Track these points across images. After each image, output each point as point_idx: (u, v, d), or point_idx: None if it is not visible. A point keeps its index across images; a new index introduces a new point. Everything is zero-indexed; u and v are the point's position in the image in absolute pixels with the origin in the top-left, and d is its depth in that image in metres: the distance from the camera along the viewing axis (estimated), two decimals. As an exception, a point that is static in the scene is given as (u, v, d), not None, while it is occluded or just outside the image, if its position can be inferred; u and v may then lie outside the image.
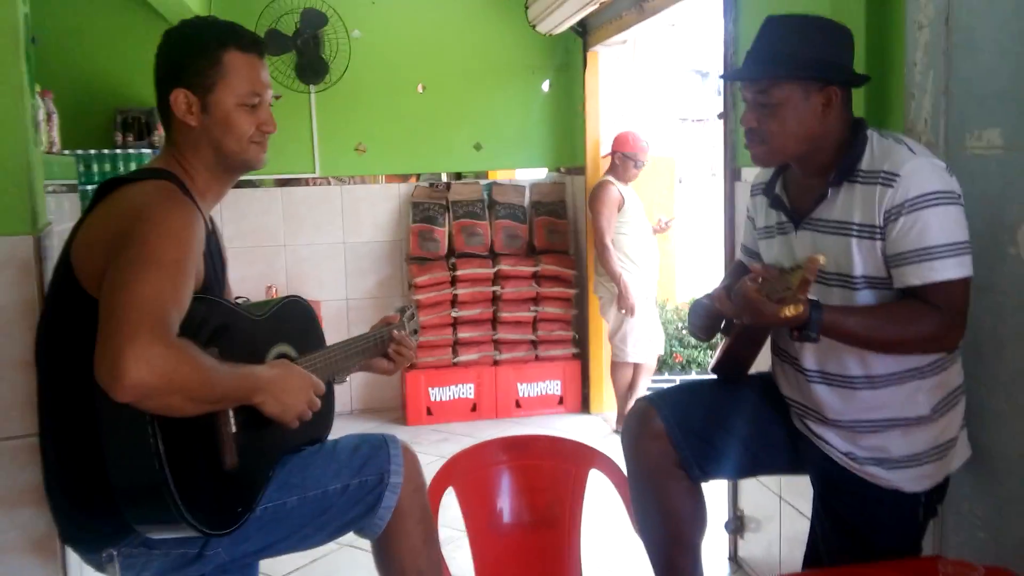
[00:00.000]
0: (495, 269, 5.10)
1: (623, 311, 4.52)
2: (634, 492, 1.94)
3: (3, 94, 1.65)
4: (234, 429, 1.47)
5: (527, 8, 5.11)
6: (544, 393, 5.14)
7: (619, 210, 4.57)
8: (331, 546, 3.63)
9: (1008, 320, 1.77)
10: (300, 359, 1.68)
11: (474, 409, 5.04)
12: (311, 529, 1.66)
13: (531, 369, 5.12)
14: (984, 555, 1.78)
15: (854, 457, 1.75)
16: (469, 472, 2.21)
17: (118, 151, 4.55)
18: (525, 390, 5.12)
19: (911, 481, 1.72)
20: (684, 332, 5.67)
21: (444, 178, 5.59)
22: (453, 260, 5.15)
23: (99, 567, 1.58)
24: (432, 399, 5.01)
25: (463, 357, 5.08)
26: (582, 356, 5.24)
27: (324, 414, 1.77)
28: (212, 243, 1.66)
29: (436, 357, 5.06)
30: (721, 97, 3.44)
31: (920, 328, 1.61)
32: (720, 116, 3.19)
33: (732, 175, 3.04)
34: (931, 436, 1.72)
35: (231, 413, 1.46)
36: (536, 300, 5.13)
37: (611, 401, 4.97)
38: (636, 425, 1.91)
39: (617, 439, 2.22)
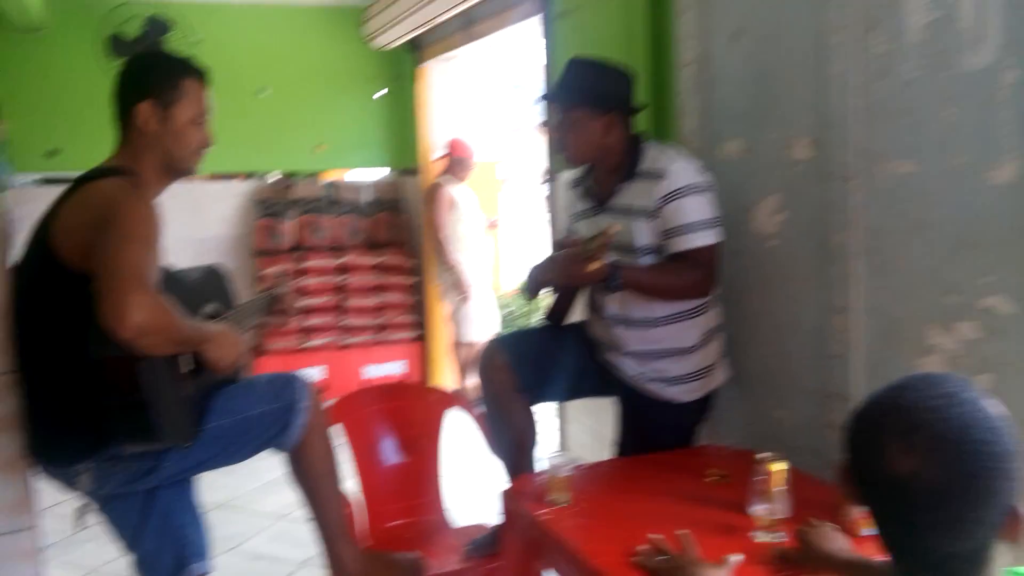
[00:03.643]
0: (340, 261, 5.54)
1: (461, 296, 5.09)
2: (488, 413, 2.51)
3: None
4: (190, 368, 1.91)
5: (362, 24, 5.58)
6: (389, 373, 5.62)
7: (453, 208, 5.12)
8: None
9: (751, 275, 2.50)
10: (227, 313, 2.13)
11: (323, 390, 5.44)
12: (238, 446, 2.09)
13: (377, 351, 5.60)
14: (742, 447, 2.49)
15: (642, 377, 2.40)
16: (354, 412, 2.70)
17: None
18: (371, 371, 5.58)
19: (682, 394, 2.39)
20: (511, 316, 6.32)
21: (275, 176, 5.94)
22: (298, 253, 5.54)
23: (68, 480, 1.95)
24: (283, 382, 5.36)
25: (312, 342, 5.48)
26: (423, 338, 5.77)
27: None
28: None
29: (286, 343, 5.43)
30: (541, 110, 4.09)
31: (685, 279, 2.27)
32: (551, 134, 3.84)
33: (552, 175, 3.70)
34: (696, 362, 2.39)
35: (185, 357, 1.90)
36: (379, 289, 5.62)
37: (450, 377, 5.52)
38: (486, 360, 2.47)
39: (457, 415, 2.82)
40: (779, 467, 1.77)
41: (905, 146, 1.95)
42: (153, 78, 2.00)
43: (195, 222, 5.54)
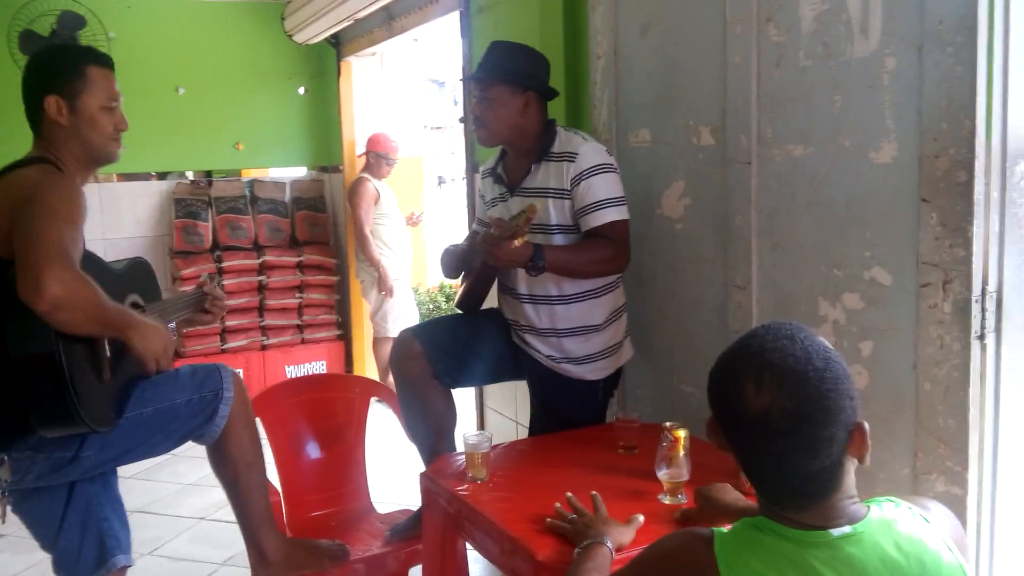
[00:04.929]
0: (260, 260, 5.49)
1: (383, 292, 5.11)
2: (402, 402, 2.53)
3: None
4: (108, 353, 1.90)
5: (283, 19, 5.55)
6: (310, 372, 5.59)
7: (375, 203, 5.14)
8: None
9: (658, 258, 2.60)
10: (148, 305, 2.12)
11: (244, 391, 5.37)
12: (162, 436, 2.08)
13: (298, 351, 5.57)
14: (650, 420, 2.59)
15: (553, 358, 2.48)
16: (274, 405, 2.70)
17: None
18: (292, 371, 5.54)
19: (591, 372, 2.48)
20: (434, 311, 6.35)
21: (190, 176, 5.86)
22: (218, 252, 5.47)
23: None
24: (203, 383, 5.28)
25: (232, 344, 5.42)
26: (345, 337, 5.76)
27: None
28: None
29: (204, 345, 5.36)
30: (459, 105, 4.17)
31: (602, 253, 2.36)
32: (461, 120, 3.90)
33: (472, 168, 3.76)
34: (603, 340, 2.48)
35: (106, 341, 1.89)
36: (300, 288, 5.58)
37: (373, 373, 5.52)
38: (400, 349, 2.50)
39: (379, 406, 2.84)
40: (682, 434, 1.85)
41: (798, 130, 2.06)
42: (56, 71, 2.00)
43: (110, 223, 5.44)
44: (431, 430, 2.51)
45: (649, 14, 2.58)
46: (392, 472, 3.74)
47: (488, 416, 3.83)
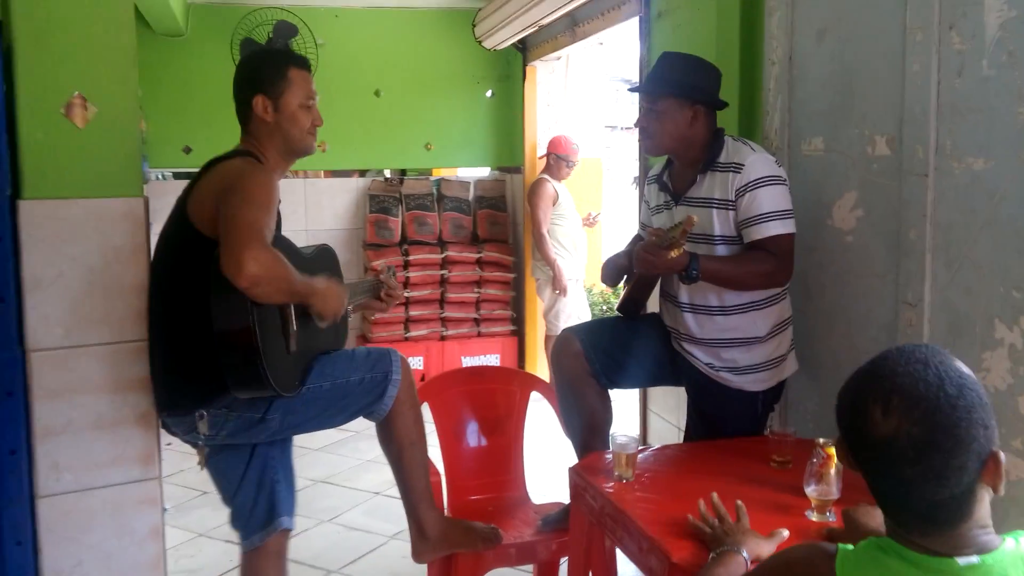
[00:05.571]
0: (443, 255, 5.77)
1: (557, 291, 5.22)
2: (559, 397, 2.61)
3: (125, 98, 2.24)
4: (295, 328, 2.12)
5: (474, 26, 5.79)
6: (485, 364, 5.81)
7: (554, 204, 5.26)
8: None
9: (827, 269, 2.53)
10: None
11: (423, 379, 5.67)
12: (336, 409, 2.29)
13: (474, 343, 5.80)
14: (811, 436, 2.53)
15: (712, 367, 2.47)
16: (441, 392, 2.87)
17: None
18: (468, 362, 5.78)
19: (752, 383, 2.45)
20: (606, 312, 6.42)
21: (388, 173, 6.23)
22: (405, 247, 5.79)
23: (188, 428, 2.18)
24: (386, 369, 5.62)
25: (414, 332, 5.73)
26: (519, 332, 5.94)
27: (342, 331, 2.45)
28: None
29: (389, 332, 5.70)
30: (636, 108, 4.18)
31: (761, 267, 2.33)
32: (636, 124, 3.92)
33: (644, 171, 3.78)
34: (766, 351, 2.45)
35: (294, 317, 2.11)
36: (479, 283, 5.82)
37: (544, 370, 5.66)
38: (560, 347, 2.58)
39: (541, 401, 2.94)
40: (835, 452, 1.81)
41: (978, 143, 1.96)
42: (263, 73, 2.24)
43: (312, 216, 5.89)
44: (584, 427, 2.57)
45: (826, 20, 2.52)
46: (549, 466, 3.84)
47: (650, 419, 3.85)
